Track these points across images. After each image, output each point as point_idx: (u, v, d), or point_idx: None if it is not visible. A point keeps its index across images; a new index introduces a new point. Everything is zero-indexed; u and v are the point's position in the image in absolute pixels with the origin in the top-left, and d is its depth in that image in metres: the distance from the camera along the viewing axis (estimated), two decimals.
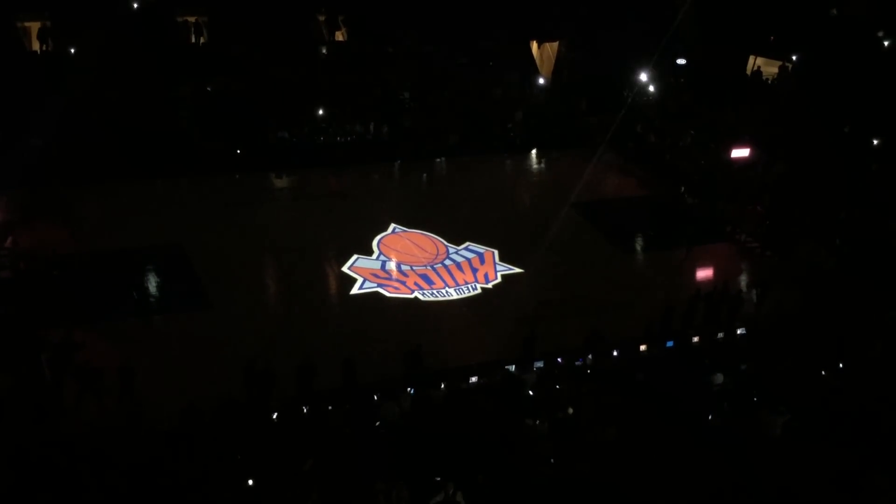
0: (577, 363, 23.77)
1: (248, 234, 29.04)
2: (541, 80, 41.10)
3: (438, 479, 17.43)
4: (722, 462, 18.93)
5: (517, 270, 28.48)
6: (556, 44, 41.38)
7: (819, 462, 18.95)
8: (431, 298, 26.52)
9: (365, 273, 27.41)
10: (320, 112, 35.09)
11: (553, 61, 41.58)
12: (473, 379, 22.64)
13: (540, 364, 23.15)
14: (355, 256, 28.20)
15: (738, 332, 26.04)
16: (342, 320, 25.10)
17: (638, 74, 39.04)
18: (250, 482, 17.47)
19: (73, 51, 33.38)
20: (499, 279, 27.91)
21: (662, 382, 21.91)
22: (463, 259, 28.76)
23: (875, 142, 34.19)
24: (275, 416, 20.51)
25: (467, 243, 29.69)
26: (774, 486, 18.28)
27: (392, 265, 28.13)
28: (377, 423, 19.97)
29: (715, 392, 22.01)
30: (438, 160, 35.60)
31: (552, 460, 18.86)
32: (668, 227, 31.82)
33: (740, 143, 33.36)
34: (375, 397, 21.31)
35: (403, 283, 27.21)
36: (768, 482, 18.37)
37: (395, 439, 19.20)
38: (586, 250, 30.21)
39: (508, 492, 17.39)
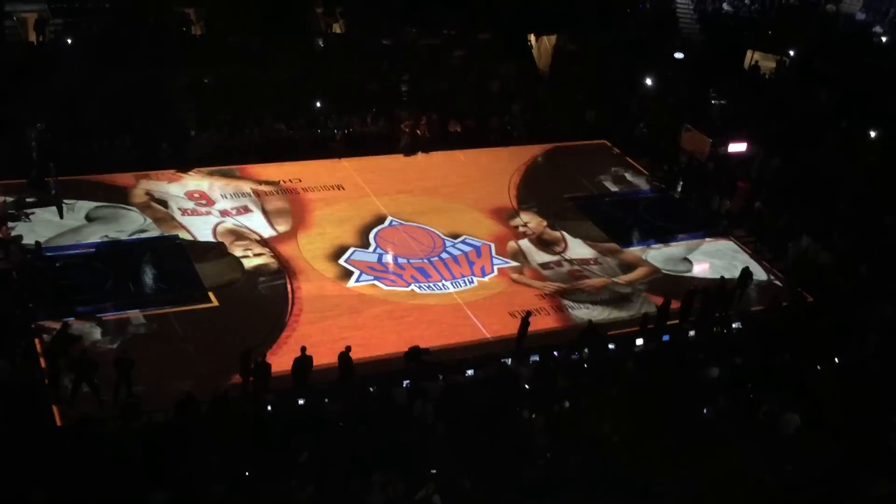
0: (573, 356, 23.80)
1: None
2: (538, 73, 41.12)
3: (434, 471, 17.51)
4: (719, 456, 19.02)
5: (514, 264, 28.49)
6: (553, 37, 41.28)
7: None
8: (428, 291, 26.53)
9: (361, 266, 27.39)
10: (318, 104, 35.00)
11: (551, 54, 41.49)
12: (470, 372, 22.68)
13: (536, 357, 23.18)
14: (352, 249, 28.18)
15: (734, 325, 26.10)
16: (339, 312, 25.10)
17: (636, 68, 38.93)
18: (246, 474, 17.51)
19: (69, 41, 33.19)
20: (495, 272, 27.92)
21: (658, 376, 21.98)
22: (460, 252, 28.75)
23: (872, 135, 34.14)
24: (270, 408, 20.53)
25: (464, 237, 29.68)
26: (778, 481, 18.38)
27: (389, 258, 28.11)
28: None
29: (710, 386, 22.07)
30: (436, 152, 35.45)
31: (548, 454, 18.91)
32: (664, 221, 31.83)
33: (738, 138, 33.33)
34: (371, 389, 21.36)
35: (400, 275, 27.20)
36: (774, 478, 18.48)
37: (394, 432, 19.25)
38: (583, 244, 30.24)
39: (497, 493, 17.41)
